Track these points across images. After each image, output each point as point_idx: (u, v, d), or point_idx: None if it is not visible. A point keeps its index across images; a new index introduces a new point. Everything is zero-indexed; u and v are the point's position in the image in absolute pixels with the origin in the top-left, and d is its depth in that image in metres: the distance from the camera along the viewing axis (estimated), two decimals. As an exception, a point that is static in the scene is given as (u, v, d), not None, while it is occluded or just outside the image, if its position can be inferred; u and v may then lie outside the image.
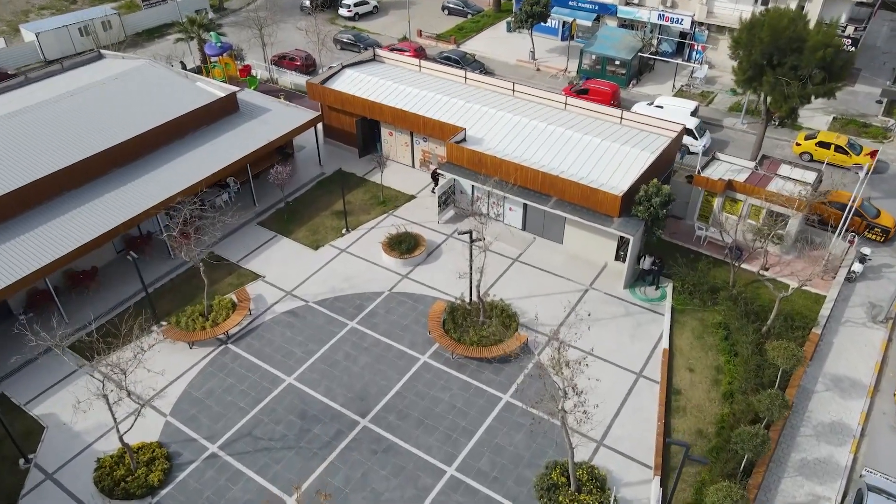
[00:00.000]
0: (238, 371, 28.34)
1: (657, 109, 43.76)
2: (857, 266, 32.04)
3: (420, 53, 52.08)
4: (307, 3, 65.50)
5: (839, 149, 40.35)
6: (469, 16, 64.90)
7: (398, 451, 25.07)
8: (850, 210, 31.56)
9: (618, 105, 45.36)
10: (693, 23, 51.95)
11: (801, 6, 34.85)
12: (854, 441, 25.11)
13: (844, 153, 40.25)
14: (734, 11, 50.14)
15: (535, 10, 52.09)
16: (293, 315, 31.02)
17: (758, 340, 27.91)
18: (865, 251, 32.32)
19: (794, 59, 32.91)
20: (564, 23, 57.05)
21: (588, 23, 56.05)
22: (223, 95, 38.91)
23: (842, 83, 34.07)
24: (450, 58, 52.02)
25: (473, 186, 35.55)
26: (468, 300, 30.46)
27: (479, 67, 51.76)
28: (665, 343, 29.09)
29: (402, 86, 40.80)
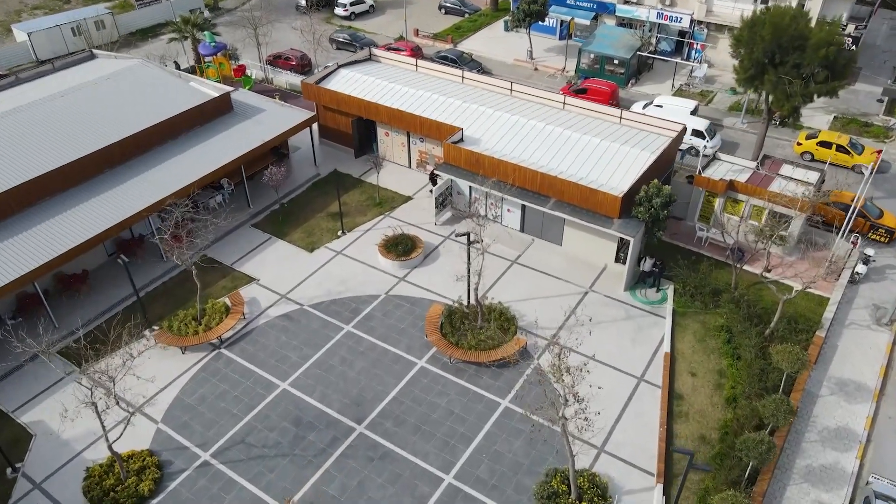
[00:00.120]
0: (231, 376, 27.77)
1: (655, 109, 43.21)
2: (861, 267, 31.56)
3: (417, 53, 51.56)
4: (303, 3, 65.05)
5: (841, 148, 39.90)
6: (466, 15, 64.41)
7: (395, 459, 24.53)
8: (854, 210, 31.06)
9: (617, 105, 44.86)
10: (692, 21, 51.53)
11: (802, 4, 34.31)
12: (860, 447, 24.62)
13: (846, 153, 39.81)
14: (734, 10, 49.70)
15: (533, 9, 51.61)
16: (288, 319, 30.46)
17: (761, 344, 27.42)
18: (869, 252, 31.84)
19: (797, 58, 32.40)
20: (562, 22, 56.55)
21: (586, 21, 55.60)
22: (217, 95, 38.35)
23: (845, 82, 33.55)
24: (447, 57, 51.51)
25: (471, 187, 35.03)
26: (466, 303, 29.93)
27: (477, 67, 51.24)
28: (666, 347, 28.58)
29: (399, 85, 40.26)
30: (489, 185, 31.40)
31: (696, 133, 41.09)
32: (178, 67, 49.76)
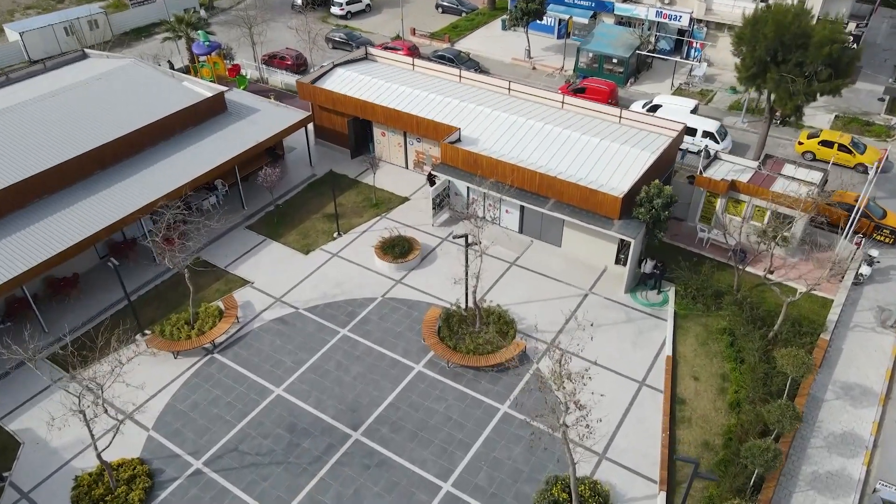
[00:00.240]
0: (224, 382, 27.19)
1: (653, 109, 42.64)
2: (865, 269, 31.07)
3: (413, 52, 51.00)
4: (298, 2, 64.44)
5: (843, 148, 39.41)
6: (463, 14, 63.84)
7: (392, 466, 23.97)
8: (858, 210, 30.55)
9: (616, 104, 44.33)
10: (691, 20, 51.05)
11: (803, 2, 33.77)
12: (867, 453, 24.11)
13: (848, 152, 39.33)
14: (733, 8, 49.24)
15: (531, 8, 51.00)
16: (282, 322, 29.89)
17: (764, 347, 26.92)
18: (873, 253, 31.34)
19: (800, 56, 31.89)
20: (560, 20, 56.03)
21: (584, 20, 55.07)
22: (210, 95, 37.77)
23: (848, 80, 33.05)
24: (444, 56, 50.97)
25: (469, 188, 34.50)
26: (464, 306, 29.38)
27: (474, 66, 50.69)
28: (668, 350, 28.06)
29: (395, 85, 39.70)
30: (487, 186, 30.86)
31: (707, 135, 39.93)
32: (172, 67, 49.15)
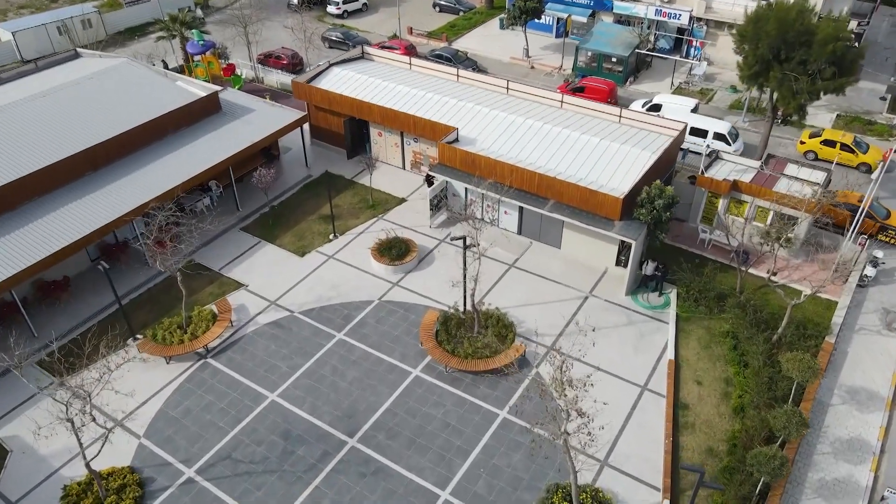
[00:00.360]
0: (218, 388, 26.60)
1: (653, 109, 42.14)
2: (870, 270, 30.56)
3: (411, 51, 50.46)
4: (294, 1, 63.84)
5: (845, 147, 38.92)
6: (461, 13, 63.32)
7: (389, 474, 23.40)
8: (863, 211, 30.04)
9: (615, 103, 43.80)
10: (691, 18, 50.55)
11: None
12: (874, 459, 23.59)
13: (851, 151, 38.84)
14: (733, 6, 48.79)
15: (529, 7, 50.48)
16: (277, 326, 29.31)
17: (769, 350, 26.39)
18: (878, 254, 30.84)
19: (803, 54, 31.40)
20: (559, 19, 55.54)
21: (583, 19, 54.57)
22: (204, 95, 37.18)
23: (852, 78, 32.54)
24: (441, 56, 50.44)
25: (467, 189, 33.96)
26: (462, 309, 28.83)
27: (472, 65, 50.14)
28: (670, 353, 27.53)
29: (392, 84, 39.14)
30: (485, 187, 30.33)
31: (719, 137, 38.91)
32: (167, 67, 48.57)
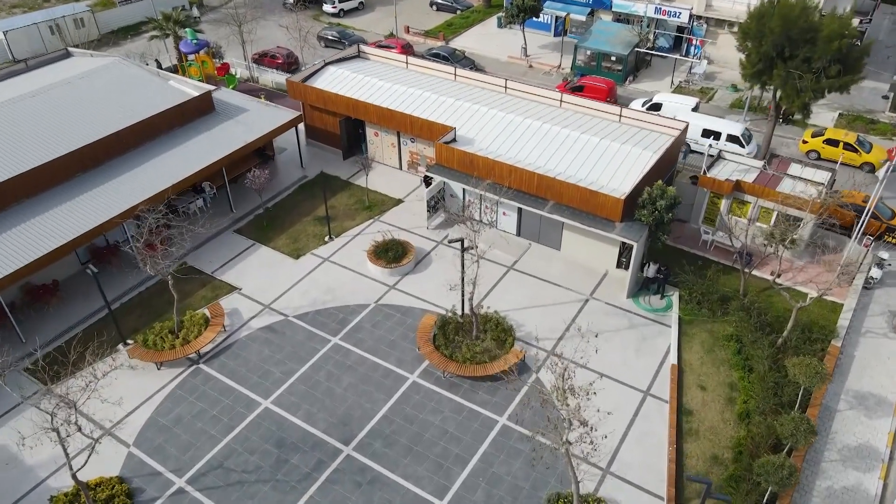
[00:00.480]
0: (210, 394, 25.96)
1: (653, 108, 41.54)
2: (876, 272, 29.99)
3: (407, 50, 49.84)
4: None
5: (848, 146, 38.35)
6: (458, 11, 62.70)
7: (385, 483, 22.78)
8: (869, 211, 29.45)
9: (614, 103, 43.20)
10: (691, 16, 49.99)
11: (809, -5, 32.71)
12: (883, 466, 23.00)
13: (854, 151, 38.27)
14: (734, 4, 48.24)
15: (527, 5, 49.90)
16: (271, 331, 28.67)
17: (774, 355, 25.79)
18: (883, 255, 30.25)
19: (808, 51, 30.81)
20: (557, 18, 54.98)
21: (582, 17, 53.97)
22: (197, 95, 36.51)
23: (858, 76, 31.96)
24: (439, 54, 49.83)
25: (464, 190, 33.34)
26: (460, 312, 28.20)
27: (470, 64, 49.53)
28: (673, 358, 26.93)
29: (389, 83, 38.50)
30: (484, 188, 29.74)
31: (732, 139, 37.97)
32: (160, 66, 47.88)
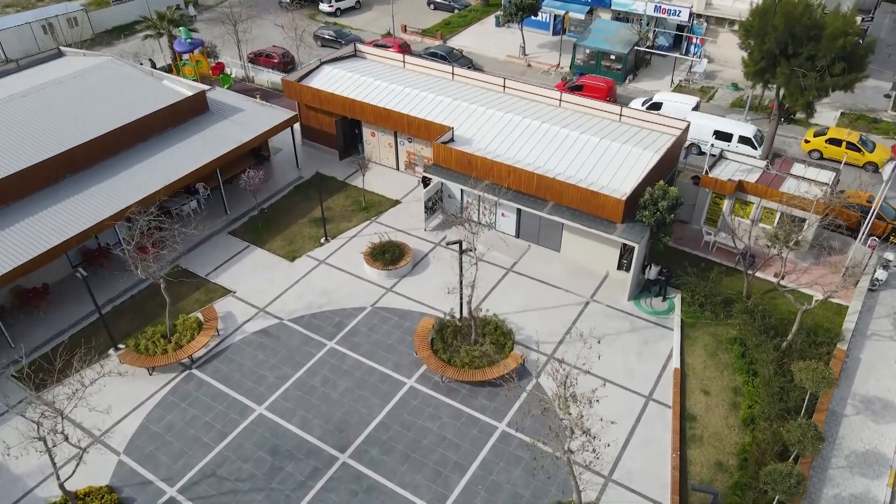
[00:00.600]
0: (203, 400, 25.39)
1: (653, 107, 41.03)
2: (881, 273, 29.50)
3: (404, 49, 49.31)
4: (286, -2, 62.67)
5: (851, 145, 37.88)
6: (456, 10, 62.22)
7: (382, 492, 22.23)
8: (874, 212, 28.94)
9: (614, 102, 42.71)
10: (691, 15, 49.55)
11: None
12: (891, 473, 22.49)
13: (857, 150, 37.79)
14: (734, 2, 47.79)
15: (526, 3, 49.42)
16: (266, 335, 28.11)
17: (779, 358, 25.28)
18: (889, 257, 29.77)
19: (812, 49, 30.32)
20: (556, 16, 54.52)
21: (581, 16, 53.52)
22: (191, 94, 35.96)
23: (862, 74, 31.46)
24: (436, 54, 49.32)
25: (463, 190, 32.80)
26: (459, 316, 27.66)
27: (468, 64, 49.02)
28: (675, 362, 26.40)
29: (386, 83, 37.96)
30: (482, 188, 29.20)
31: (744, 140, 37.37)
32: (154, 66, 47.32)
